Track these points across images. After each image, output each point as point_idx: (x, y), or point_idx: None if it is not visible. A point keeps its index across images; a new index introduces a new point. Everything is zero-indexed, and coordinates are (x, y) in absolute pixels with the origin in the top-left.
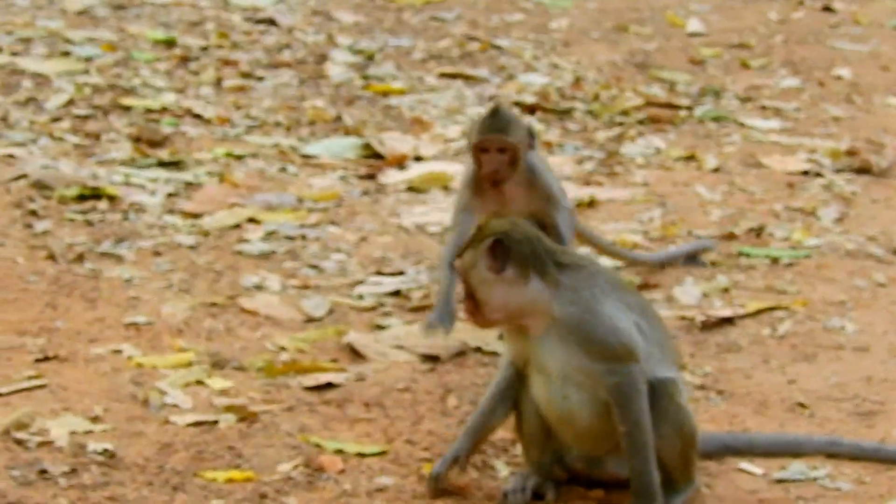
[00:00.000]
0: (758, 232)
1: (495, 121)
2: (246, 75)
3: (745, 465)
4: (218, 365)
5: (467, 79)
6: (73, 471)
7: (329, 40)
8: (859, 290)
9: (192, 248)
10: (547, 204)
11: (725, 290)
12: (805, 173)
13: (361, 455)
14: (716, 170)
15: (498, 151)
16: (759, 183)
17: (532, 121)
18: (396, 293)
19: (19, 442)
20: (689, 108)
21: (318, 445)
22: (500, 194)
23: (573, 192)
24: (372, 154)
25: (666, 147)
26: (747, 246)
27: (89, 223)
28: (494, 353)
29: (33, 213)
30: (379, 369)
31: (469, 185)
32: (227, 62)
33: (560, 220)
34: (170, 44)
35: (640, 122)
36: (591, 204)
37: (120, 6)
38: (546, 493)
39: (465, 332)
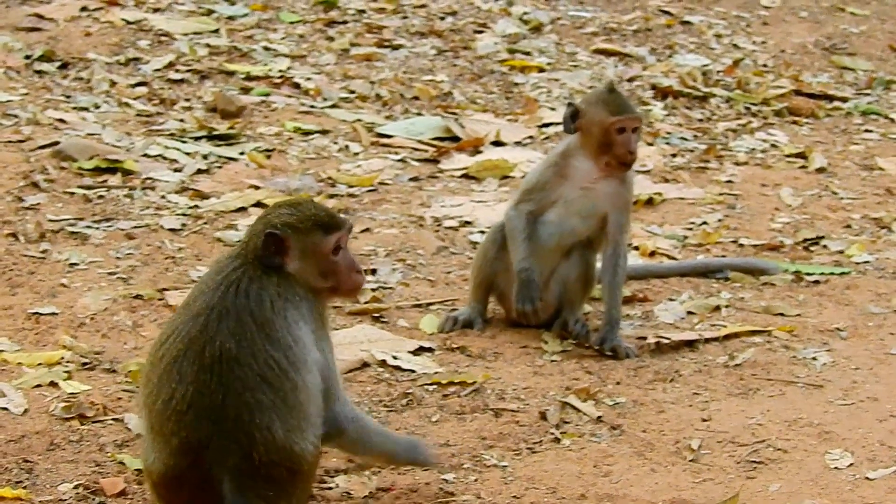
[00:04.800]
0: (809, 244)
1: (627, 99)
2: (382, 44)
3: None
4: (89, 366)
5: (622, 56)
6: None
7: (505, 8)
8: (868, 316)
9: (173, 230)
10: (621, 213)
11: (715, 309)
12: None
13: None
14: (820, 170)
15: (633, 131)
16: (857, 187)
17: (658, 106)
18: None
19: None
20: (844, 100)
21: (121, 463)
22: (588, 184)
23: (644, 188)
24: (451, 136)
25: (786, 141)
26: (786, 260)
27: (87, 199)
28: (398, 368)
29: (34, 185)
30: None
31: (555, 164)
32: (373, 28)
33: (623, 237)
34: (329, 5)
35: (777, 113)
36: (650, 202)
37: None
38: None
39: (380, 343)
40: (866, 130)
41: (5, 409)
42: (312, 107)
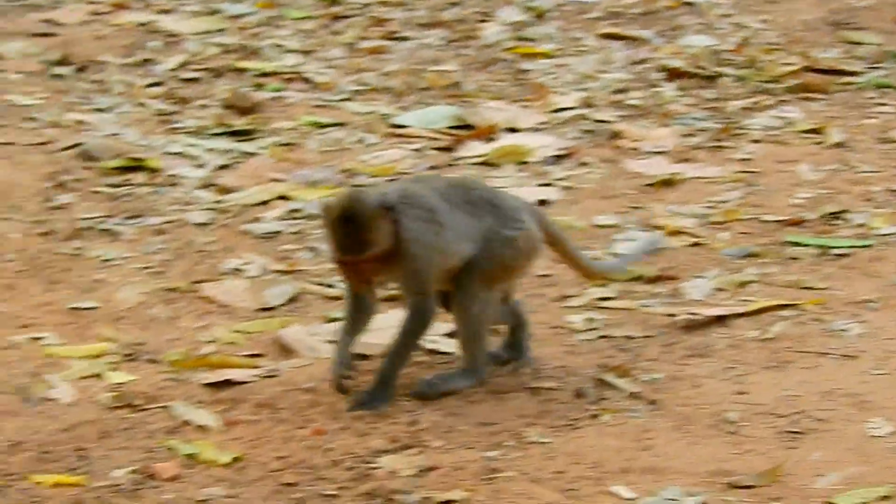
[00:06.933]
0: (831, 219)
1: (347, 235)
2: (390, 36)
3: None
4: (131, 357)
5: (628, 40)
6: None
7: None
8: None
9: (200, 225)
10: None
11: (743, 285)
12: None
13: (211, 462)
14: (838, 145)
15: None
16: (877, 161)
17: (669, 88)
18: None
19: None
20: (857, 75)
21: (170, 449)
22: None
23: (661, 168)
24: (465, 124)
25: (801, 118)
26: (809, 235)
27: (115, 197)
28: (434, 351)
29: (61, 185)
30: (300, 365)
31: None
32: (379, 21)
33: (414, 298)
34: (332, 1)
35: (790, 90)
36: (669, 183)
37: None
38: None
39: None
40: (880, 104)
41: (55, 400)
42: (326, 101)
